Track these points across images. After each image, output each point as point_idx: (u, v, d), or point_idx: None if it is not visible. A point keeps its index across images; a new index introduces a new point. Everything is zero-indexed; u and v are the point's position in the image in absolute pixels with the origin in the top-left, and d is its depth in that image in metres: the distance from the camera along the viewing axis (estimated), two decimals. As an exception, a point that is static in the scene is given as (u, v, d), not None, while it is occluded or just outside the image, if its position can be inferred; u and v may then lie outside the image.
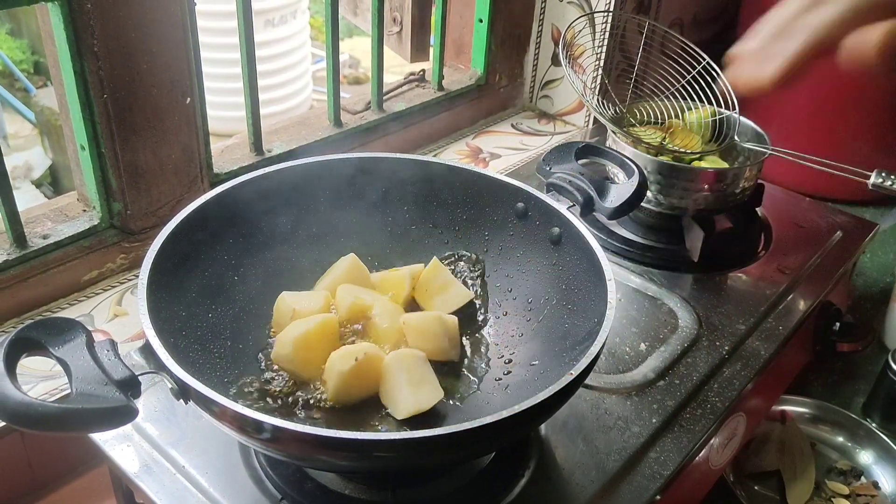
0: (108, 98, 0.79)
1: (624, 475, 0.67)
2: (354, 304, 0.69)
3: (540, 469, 0.66)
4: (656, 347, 0.80)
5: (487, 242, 0.78)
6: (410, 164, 0.78)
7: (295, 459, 0.60)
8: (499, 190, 0.76)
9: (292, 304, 0.69)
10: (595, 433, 0.70)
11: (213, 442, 0.66)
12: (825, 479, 0.88)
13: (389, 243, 0.79)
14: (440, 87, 1.22)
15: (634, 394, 0.75)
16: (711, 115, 1.00)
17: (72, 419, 0.47)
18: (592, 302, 0.66)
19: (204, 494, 0.63)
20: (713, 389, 0.77)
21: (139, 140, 0.83)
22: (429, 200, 0.79)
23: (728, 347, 0.81)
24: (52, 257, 0.82)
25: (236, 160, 0.98)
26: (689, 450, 0.70)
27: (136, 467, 0.65)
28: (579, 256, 0.70)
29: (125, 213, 0.85)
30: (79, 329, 0.53)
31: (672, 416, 0.73)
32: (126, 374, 0.52)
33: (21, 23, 2.84)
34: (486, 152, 1.21)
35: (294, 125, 1.09)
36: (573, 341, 0.66)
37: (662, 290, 0.89)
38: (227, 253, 0.71)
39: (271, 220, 0.74)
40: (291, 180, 0.74)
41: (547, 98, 1.34)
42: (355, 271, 0.73)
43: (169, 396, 0.68)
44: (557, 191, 0.76)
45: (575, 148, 0.79)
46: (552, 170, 0.78)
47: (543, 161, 0.79)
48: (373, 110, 1.14)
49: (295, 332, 0.65)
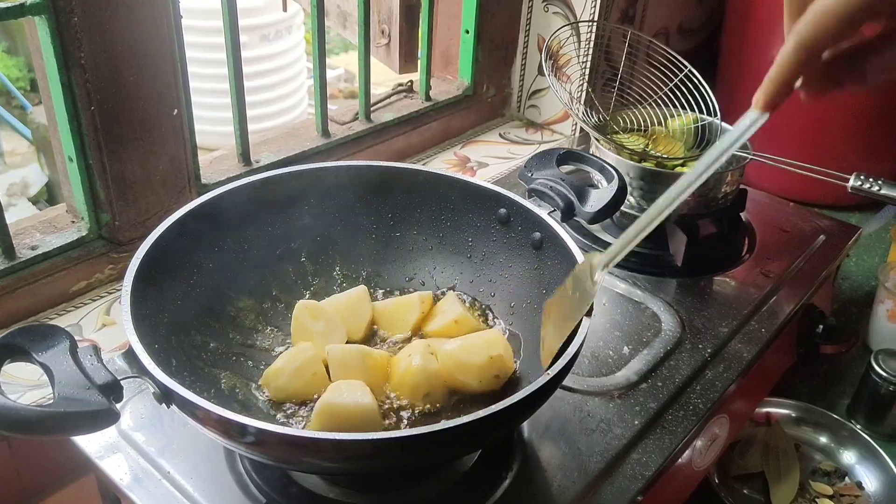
0: (95, 110, 0.80)
1: (606, 476, 0.67)
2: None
3: (523, 471, 0.67)
4: (639, 350, 0.81)
5: (471, 248, 0.79)
6: (394, 172, 0.79)
7: (278, 462, 0.60)
8: (481, 196, 0.77)
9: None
10: (578, 435, 0.71)
11: (198, 448, 0.67)
12: (809, 480, 0.89)
13: (374, 249, 0.80)
14: (428, 98, 1.23)
15: (617, 396, 0.75)
16: (694, 121, 1.01)
17: (53, 422, 0.48)
18: (573, 305, 0.67)
19: (190, 501, 0.63)
20: (695, 391, 0.77)
21: (126, 151, 0.84)
22: (412, 207, 0.80)
23: (711, 350, 0.82)
24: (41, 268, 0.83)
25: (224, 171, 0.99)
26: (671, 451, 0.71)
27: (123, 475, 0.65)
28: (560, 260, 0.71)
29: (113, 224, 0.86)
30: (62, 335, 0.54)
31: (654, 418, 0.73)
32: (108, 379, 0.52)
33: (17, 41, 2.86)
34: (473, 161, 1.23)
35: (282, 136, 1.10)
36: (554, 344, 0.67)
37: (646, 295, 0.90)
38: (212, 261, 0.71)
39: (256, 229, 0.75)
40: (277, 189, 0.75)
41: (534, 107, 1.35)
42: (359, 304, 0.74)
43: (156, 404, 0.69)
44: (539, 196, 0.77)
45: (556, 154, 0.80)
46: (534, 176, 0.79)
47: (525, 167, 0.80)
48: (361, 121, 1.15)
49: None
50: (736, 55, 1.42)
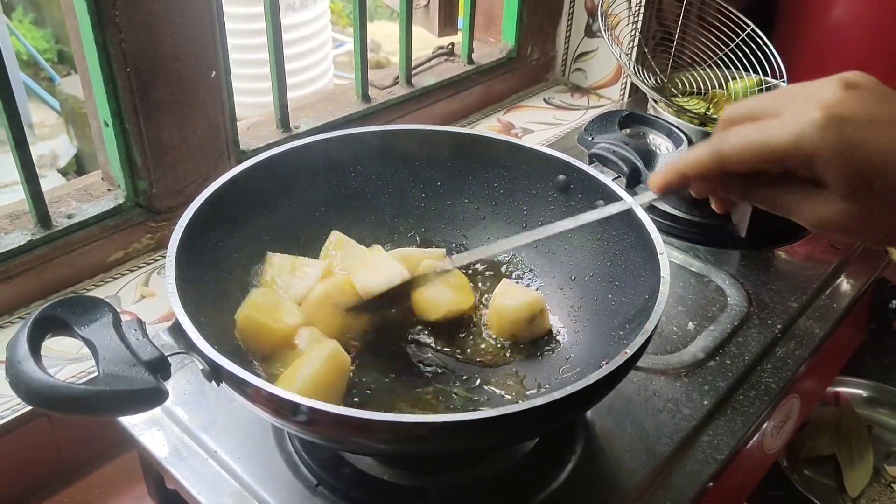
0: (131, 71, 0.76)
1: (675, 460, 0.63)
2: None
3: (587, 454, 0.63)
4: (705, 326, 0.76)
5: (526, 217, 0.74)
6: (444, 136, 0.75)
7: (331, 442, 0.57)
8: (538, 162, 0.72)
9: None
10: (644, 416, 0.66)
11: (245, 425, 0.63)
12: (884, 465, 0.84)
13: (423, 219, 0.76)
14: (470, 61, 1.18)
15: (684, 374, 0.71)
16: (758, 84, 0.95)
17: (99, 402, 0.44)
18: (642, 278, 0.63)
19: (237, 480, 0.60)
20: (766, 370, 0.73)
21: (164, 115, 0.80)
22: (463, 174, 0.75)
23: (780, 326, 0.77)
24: (77, 237, 0.80)
25: (263, 137, 0.95)
26: (744, 433, 0.66)
27: (166, 452, 0.62)
28: (626, 231, 0.66)
29: (150, 191, 0.83)
30: (105, 308, 0.51)
31: (724, 398, 0.69)
32: (155, 355, 0.49)
33: (44, 12, 2.84)
34: (518, 127, 1.17)
35: (320, 101, 1.05)
36: (622, 319, 0.62)
37: (709, 267, 0.85)
38: (257, 229, 0.68)
39: (301, 196, 0.71)
40: (322, 154, 0.71)
41: (580, 71, 1.29)
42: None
43: (199, 378, 0.66)
44: (601, 162, 0.72)
45: (619, 117, 0.75)
46: (594, 140, 0.74)
47: (585, 131, 0.75)
48: (401, 85, 1.10)
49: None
50: (794, 15, 1.35)
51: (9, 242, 0.76)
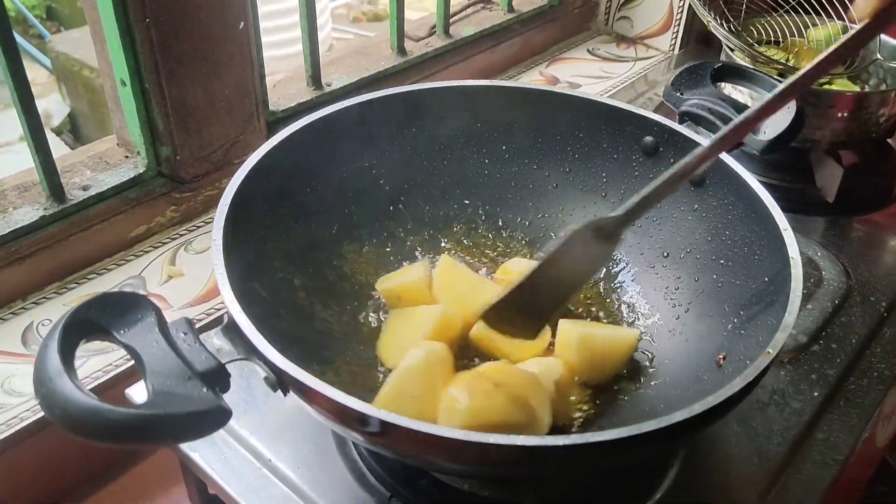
0: (150, 23, 0.66)
1: (790, 462, 0.56)
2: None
3: (690, 458, 0.55)
4: (802, 305, 0.68)
5: (605, 185, 0.66)
6: (508, 92, 0.66)
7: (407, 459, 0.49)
8: (621, 121, 0.64)
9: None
10: (749, 411, 0.59)
11: (302, 430, 0.56)
12: None
13: (487, 190, 0.67)
14: (510, 9, 1.08)
15: (787, 361, 0.63)
16: (843, 31, 0.86)
17: (153, 429, 0.36)
18: (756, 256, 0.55)
19: (297, 493, 0.53)
20: (876, 354, 0.65)
21: (187, 73, 0.71)
22: (532, 136, 0.67)
23: (885, 304, 0.69)
24: (94, 212, 0.71)
25: (293, 96, 0.85)
26: (861, 428, 0.59)
27: (211, 460, 0.55)
28: (731, 200, 0.58)
29: (174, 158, 0.74)
30: (147, 306, 0.42)
31: (835, 388, 0.61)
32: (211, 364, 0.41)
33: (33, -33, 2.69)
34: (563, 81, 1.08)
35: (351, 55, 0.96)
36: (734, 305, 0.54)
37: (795, 236, 0.76)
38: (308, 207, 0.59)
39: (351, 163, 0.62)
40: (375, 116, 0.62)
41: (625, 20, 1.19)
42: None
43: (243, 375, 0.58)
44: (694, 121, 0.63)
45: (710, 69, 0.66)
46: (684, 96, 0.65)
47: (673, 86, 0.66)
48: (438, 36, 1.00)
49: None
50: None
51: (19, 219, 0.67)
